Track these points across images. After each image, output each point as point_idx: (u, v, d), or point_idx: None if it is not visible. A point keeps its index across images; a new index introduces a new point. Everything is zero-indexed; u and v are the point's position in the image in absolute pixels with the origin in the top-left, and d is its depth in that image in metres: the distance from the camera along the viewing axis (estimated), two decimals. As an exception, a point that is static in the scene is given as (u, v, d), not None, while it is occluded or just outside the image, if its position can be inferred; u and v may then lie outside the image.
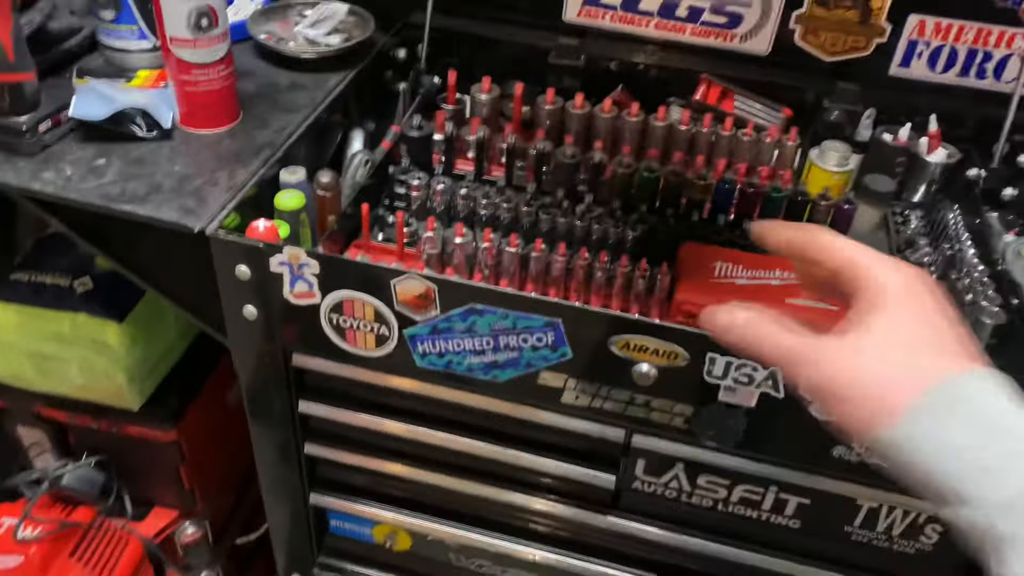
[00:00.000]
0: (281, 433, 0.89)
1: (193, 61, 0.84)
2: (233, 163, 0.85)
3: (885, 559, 0.81)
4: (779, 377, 0.69)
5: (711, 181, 0.93)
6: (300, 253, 0.73)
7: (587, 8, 1.07)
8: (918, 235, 0.97)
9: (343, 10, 1.08)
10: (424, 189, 0.92)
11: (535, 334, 0.72)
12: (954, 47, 0.99)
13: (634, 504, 0.85)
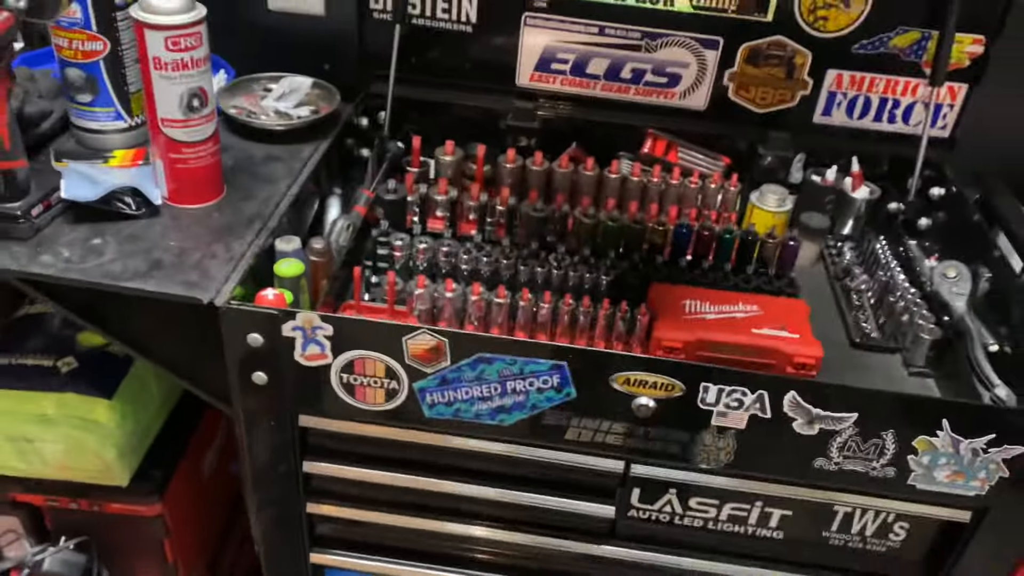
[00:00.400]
0: (285, 494, 0.91)
1: (184, 140, 0.87)
2: (227, 236, 0.88)
3: (859, 559, 0.89)
4: (766, 399, 0.76)
5: (669, 227, 1.02)
6: (314, 317, 0.77)
7: (538, 73, 1.15)
8: (853, 265, 1.08)
9: (307, 83, 1.13)
10: (407, 249, 0.98)
11: (541, 377, 0.78)
12: (868, 96, 1.12)
13: (631, 531, 0.91)
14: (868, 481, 0.80)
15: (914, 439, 0.77)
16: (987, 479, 0.78)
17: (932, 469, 0.78)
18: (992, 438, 0.75)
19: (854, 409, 0.76)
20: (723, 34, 1.09)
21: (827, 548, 0.89)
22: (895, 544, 0.88)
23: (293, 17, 1.18)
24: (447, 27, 1.13)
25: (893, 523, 0.86)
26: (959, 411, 0.75)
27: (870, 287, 1.04)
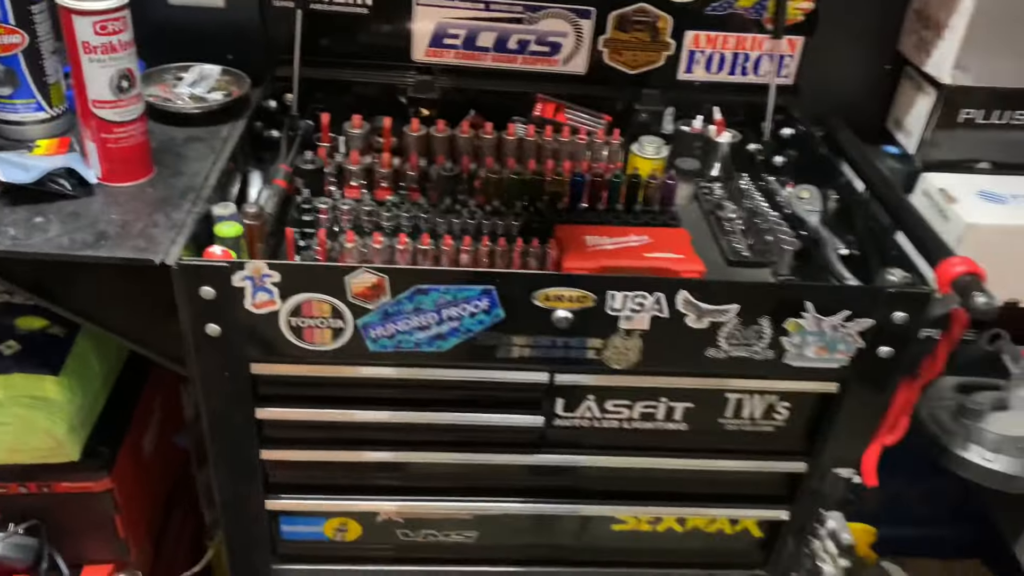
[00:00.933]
0: (241, 444, 0.98)
1: (116, 120, 0.93)
2: (164, 207, 0.95)
3: (752, 440, 1.04)
4: (663, 300, 0.90)
5: (566, 177, 1.15)
6: (262, 265, 0.85)
7: (433, 49, 1.26)
8: (722, 199, 1.24)
9: (217, 70, 1.19)
10: (331, 211, 1.06)
11: (472, 302, 0.89)
12: (722, 53, 1.28)
13: (558, 439, 1.03)
14: (753, 364, 0.95)
15: (784, 322, 0.92)
16: (847, 351, 0.95)
17: (802, 347, 0.94)
18: (847, 315, 0.91)
19: (735, 301, 0.90)
20: (595, 4, 1.23)
21: (724, 434, 1.04)
22: (780, 423, 1.03)
23: (195, 10, 1.24)
24: (345, 10, 1.22)
25: (776, 403, 1.01)
26: (818, 294, 0.91)
27: (739, 215, 1.20)
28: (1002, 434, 1.09)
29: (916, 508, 1.80)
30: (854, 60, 1.35)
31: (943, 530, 1.80)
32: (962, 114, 1.25)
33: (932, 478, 1.60)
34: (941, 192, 1.23)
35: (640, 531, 1.13)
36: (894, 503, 1.75)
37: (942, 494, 1.77)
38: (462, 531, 1.12)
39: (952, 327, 0.99)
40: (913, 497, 1.80)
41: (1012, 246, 1.19)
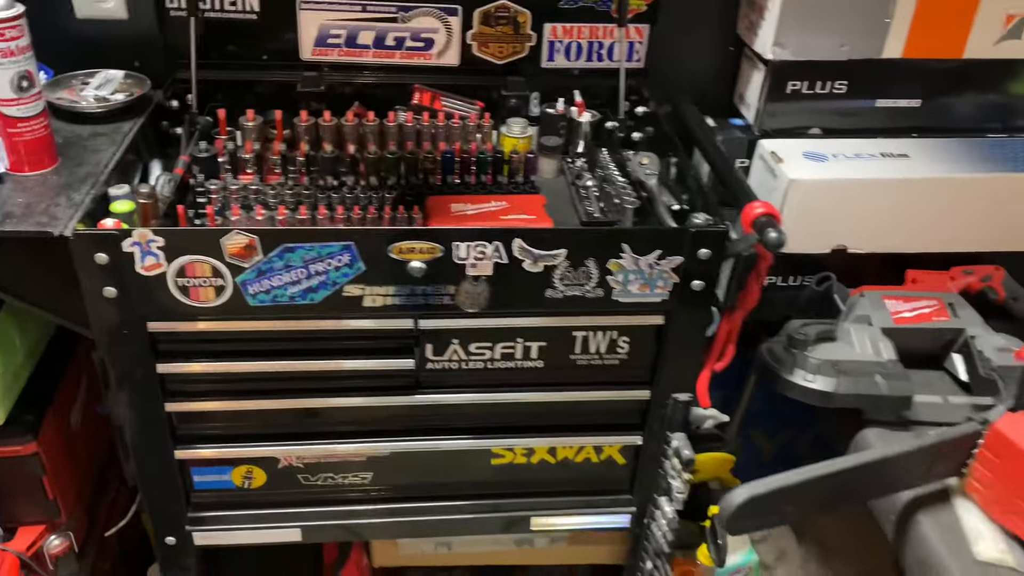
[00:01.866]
0: (145, 398, 1.11)
1: (18, 116, 1.07)
2: (67, 191, 1.08)
3: (600, 373, 1.19)
4: (501, 248, 1.04)
5: (437, 156, 1.29)
6: (147, 232, 0.98)
7: (318, 48, 1.40)
8: (582, 171, 1.39)
9: (120, 75, 1.33)
10: (222, 191, 1.20)
11: (336, 256, 1.03)
12: (579, 42, 1.44)
13: (431, 381, 1.17)
14: (587, 302, 1.10)
15: (607, 262, 1.07)
16: (665, 286, 1.10)
17: (626, 284, 1.09)
18: (659, 253, 1.07)
19: (563, 246, 1.05)
20: (460, 2, 1.38)
21: (577, 368, 1.19)
22: (623, 356, 1.18)
23: (100, 23, 1.38)
24: (236, 16, 1.36)
25: (617, 338, 1.17)
26: (632, 236, 1.06)
27: (594, 184, 1.35)
28: (822, 358, 1.25)
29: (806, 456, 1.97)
30: (700, 44, 1.51)
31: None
32: (789, 86, 1.42)
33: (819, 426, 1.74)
34: (772, 155, 1.39)
35: (517, 464, 1.27)
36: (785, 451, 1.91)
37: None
38: (357, 473, 1.25)
39: (759, 263, 1.15)
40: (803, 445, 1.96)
41: (832, 198, 1.37)
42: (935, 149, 1.43)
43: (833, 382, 1.23)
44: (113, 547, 1.51)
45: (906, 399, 1.23)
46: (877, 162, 1.39)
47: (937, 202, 1.38)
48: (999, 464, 1.08)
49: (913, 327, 1.33)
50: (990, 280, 1.43)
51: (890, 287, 1.39)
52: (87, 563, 1.39)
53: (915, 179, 1.37)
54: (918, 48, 1.38)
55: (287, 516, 1.27)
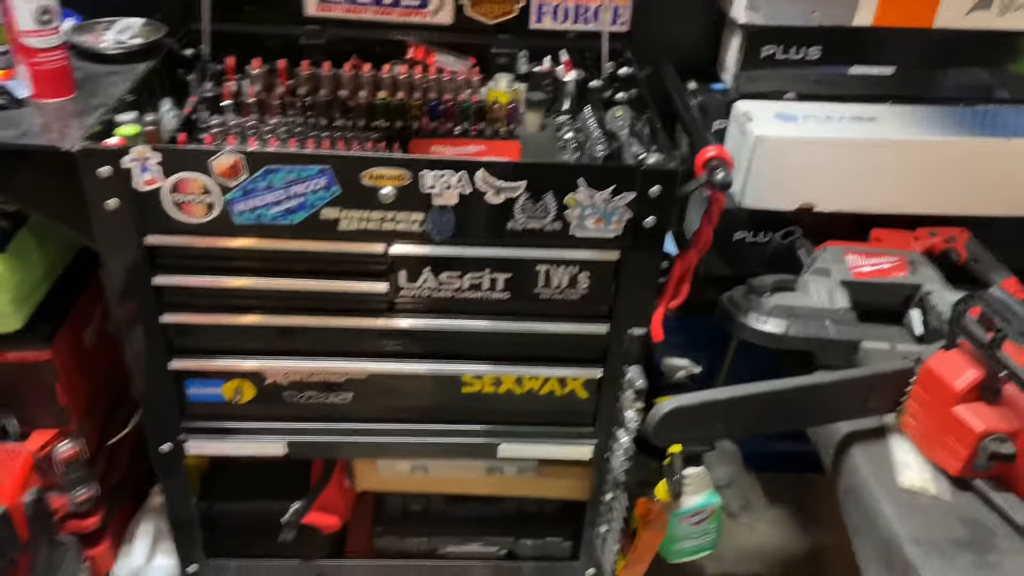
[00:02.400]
0: (142, 308, 1.23)
1: (39, 47, 1.19)
2: (80, 116, 1.20)
3: (562, 307, 1.28)
4: (466, 178, 1.14)
5: (424, 103, 1.39)
6: (146, 149, 1.10)
7: (322, 5, 1.51)
8: (563, 125, 1.48)
9: (139, 22, 1.45)
10: (221, 126, 1.31)
11: (313, 180, 1.13)
12: (566, 5, 1.53)
13: (405, 307, 1.27)
14: (545, 235, 1.19)
15: (564, 197, 1.16)
16: (619, 221, 1.18)
17: (583, 219, 1.18)
18: (613, 188, 1.15)
19: (523, 178, 1.14)
20: (453, -37, 1.48)
21: (541, 302, 1.27)
22: (583, 291, 1.26)
23: (125, -26, 1.50)
24: (246, -28, 1.48)
25: (577, 274, 1.25)
26: (588, 172, 1.15)
27: (574, 136, 1.44)
28: (776, 304, 1.31)
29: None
30: (683, 11, 1.59)
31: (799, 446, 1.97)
32: (763, 51, 1.49)
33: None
34: (744, 115, 1.46)
35: (486, 393, 1.36)
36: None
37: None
38: (339, 393, 1.36)
39: (711, 206, 1.23)
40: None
41: (799, 156, 1.43)
42: (905, 115, 1.49)
43: (784, 324, 1.29)
44: (123, 462, 1.64)
45: (854, 343, 1.29)
46: (847, 124, 1.46)
47: (904, 164, 1.44)
48: (929, 400, 1.14)
49: (871, 281, 1.38)
50: (954, 242, 1.48)
51: (853, 243, 1.45)
52: (96, 472, 1.52)
53: (882, 140, 1.43)
54: (889, 16, 1.44)
55: (273, 431, 1.38)
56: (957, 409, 1.10)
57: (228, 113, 1.37)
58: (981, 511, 1.10)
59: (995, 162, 1.44)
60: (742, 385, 1.11)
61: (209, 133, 1.30)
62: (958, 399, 1.10)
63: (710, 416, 1.09)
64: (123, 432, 1.49)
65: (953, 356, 1.13)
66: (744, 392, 1.10)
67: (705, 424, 1.10)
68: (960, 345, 1.14)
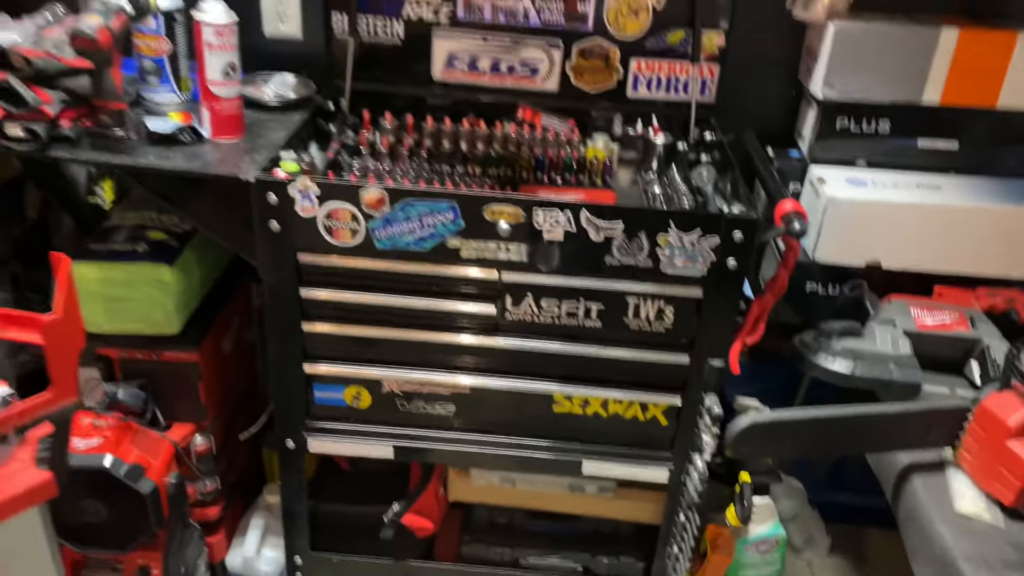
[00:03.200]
0: (288, 316, 1.44)
1: (222, 95, 1.43)
2: (250, 153, 1.43)
3: (649, 337, 1.44)
4: (571, 218, 1.32)
5: (531, 156, 1.60)
6: (308, 180, 1.32)
7: (447, 70, 1.74)
8: (653, 181, 1.66)
9: (292, 79, 1.71)
10: (362, 168, 1.54)
11: (444, 213, 1.33)
12: (659, 76, 1.73)
13: (509, 328, 1.45)
14: (638, 271, 1.36)
15: (656, 237, 1.33)
16: (704, 262, 1.35)
17: (672, 257, 1.35)
18: (700, 233, 1.32)
19: (620, 219, 1.32)
20: (562, 38, 1.70)
21: (630, 331, 1.44)
22: (668, 324, 1.43)
23: (281, 40, 1.77)
24: (386, 42, 1.72)
25: (664, 307, 1.41)
26: (678, 217, 1.32)
27: (661, 191, 1.62)
28: (844, 346, 1.45)
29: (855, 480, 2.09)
30: (765, 85, 1.78)
31: (865, 499, 1.97)
32: (839, 123, 1.66)
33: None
34: (818, 179, 1.63)
35: (574, 414, 1.52)
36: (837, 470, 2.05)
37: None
38: (444, 404, 1.53)
39: (787, 253, 1.38)
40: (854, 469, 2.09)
41: (867, 217, 1.58)
42: (967, 185, 1.63)
43: (851, 364, 1.43)
44: (240, 463, 1.84)
45: (915, 386, 1.42)
46: (912, 190, 1.60)
47: (965, 229, 1.57)
48: (984, 435, 1.25)
49: (934, 333, 1.51)
50: (1014, 303, 1.60)
51: (917, 297, 1.58)
52: (220, 468, 1.71)
53: (945, 206, 1.57)
54: (955, 95, 1.60)
55: (383, 435, 1.56)
56: (1011, 443, 1.22)
57: (366, 157, 1.60)
58: (1032, 539, 1.20)
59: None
60: (812, 408, 1.25)
61: (351, 173, 1.52)
62: (1012, 435, 1.22)
63: (781, 433, 1.23)
64: (252, 429, 1.69)
65: (1007, 396, 1.25)
66: (813, 414, 1.24)
67: (777, 441, 1.24)
68: (1014, 387, 1.26)
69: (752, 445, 1.23)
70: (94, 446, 1.45)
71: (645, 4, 1.67)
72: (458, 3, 1.68)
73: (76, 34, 1.27)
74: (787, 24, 1.67)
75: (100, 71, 1.33)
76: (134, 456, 1.49)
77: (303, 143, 1.58)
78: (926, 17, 1.61)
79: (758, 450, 1.29)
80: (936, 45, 1.56)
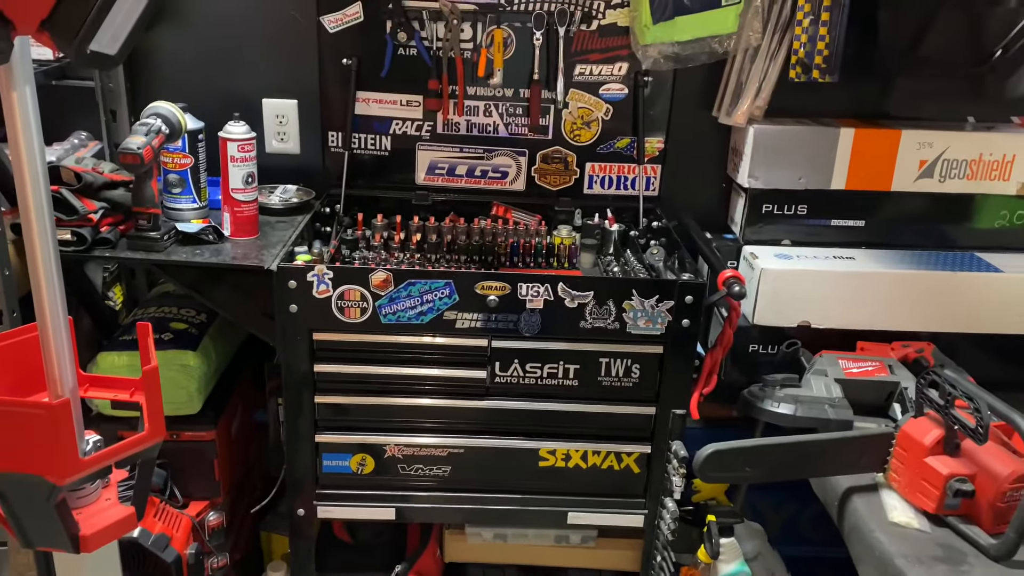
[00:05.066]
0: (303, 389, 1.62)
1: (243, 200, 1.66)
2: (267, 248, 1.66)
3: (619, 392, 1.66)
4: (550, 289, 1.56)
5: (507, 245, 1.85)
6: (323, 267, 1.54)
7: (428, 176, 2.01)
8: (611, 263, 1.93)
9: (294, 188, 1.95)
10: (362, 260, 1.77)
11: (440, 291, 1.56)
12: (610, 176, 2.02)
13: (497, 391, 1.65)
14: (607, 332, 1.59)
15: (623, 303, 1.57)
16: (663, 323, 1.59)
17: (636, 320, 1.59)
18: (657, 297, 1.57)
19: (591, 289, 1.57)
20: (527, 148, 1.99)
21: (603, 388, 1.66)
22: (635, 379, 1.65)
23: (282, 155, 2.02)
24: (375, 153, 1.99)
25: (631, 365, 1.64)
26: (639, 285, 1.57)
27: (620, 270, 1.88)
28: (786, 393, 1.69)
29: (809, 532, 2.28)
30: (700, 179, 2.08)
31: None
32: (764, 208, 1.96)
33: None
34: (751, 255, 1.91)
35: (558, 467, 1.71)
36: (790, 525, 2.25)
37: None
38: (441, 466, 1.71)
39: (731, 313, 1.64)
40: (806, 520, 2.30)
41: (795, 283, 1.86)
42: (875, 256, 1.93)
43: (793, 407, 1.67)
44: (244, 544, 1.96)
45: (848, 422, 1.66)
46: (830, 261, 1.90)
47: (877, 291, 1.86)
48: (907, 456, 1.49)
49: (859, 379, 1.77)
50: (923, 352, 1.87)
51: (843, 352, 1.84)
52: (229, 543, 1.84)
53: (859, 271, 1.86)
54: (856, 182, 1.92)
55: (386, 498, 1.72)
56: (929, 460, 1.45)
57: (362, 250, 1.83)
58: (954, 539, 1.42)
59: (947, 291, 1.86)
60: (766, 439, 1.47)
61: (354, 263, 1.75)
62: (927, 452, 1.46)
63: (740, 460, 1.45)
64: (264, 501, 1.83)
65: (921, 421, 1.50)
66: (766, 442, 1.46)
67: (736, 466, 1.45)
68: (927, 413, 1.51)
69: (715, 469, 1.44)
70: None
71: (596, 117, 1.98)
72: (438, 121, 1.96)
73: (124, 152, 1.50)
74: (715, 128, 1.99)
75: (141, 182, 1.55)
76: (159, 528, 1.62)
77: (307, 241, 1.81)
78: (827, 120, 1.95)
79: (721, 475, 1.50)
80: (837, 141, 1.89)
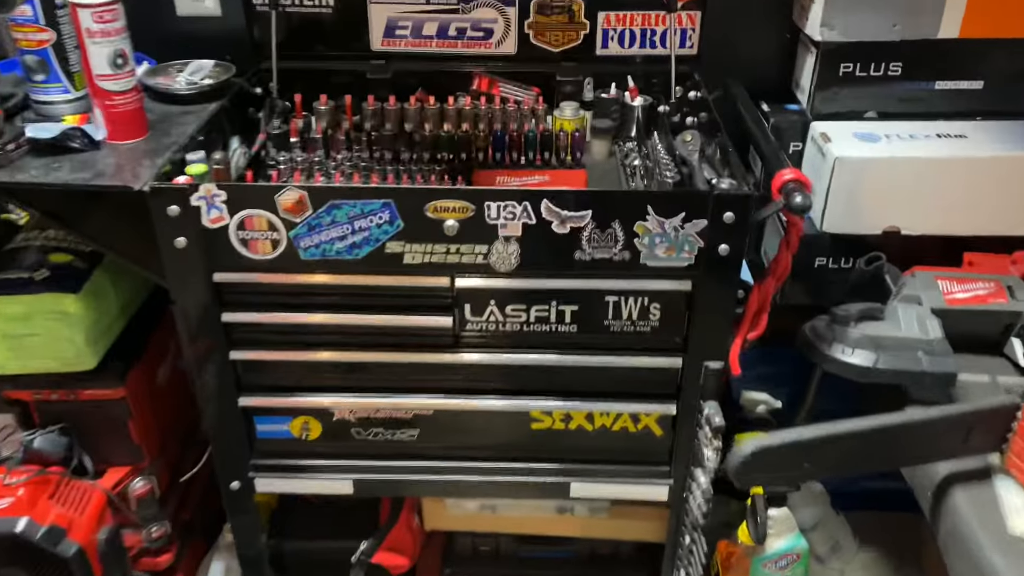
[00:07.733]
0: (212, 344, 1.23)
1: (114, 90, 1.21)
2: (152, 156, 1.22)
3: (633, 339, 1.23)
4: (529, 208, 1.11)
5: (489, 134, 1.38)
6: (212, 187, 1.10)
7: (387, 39, 1.52)
8: (631, 151, 1.44)
9: (210, 64, 1.48)
10: (288, 162, 1.32)
11: (377, 214, 1.12)
12: (631, 29, 1.49)
13: (470, 341, 1.24)
14: (615, 265, 1.14)
15: (633, 225, 1.11)
16: (691, 250, 1.13)
17: (652, 248, 1.13)
18: (683, 216, 1.10)
19: (588, 207, 1.10)
20: (517, -7, 1.47)
21: (611, 335, 1.22)
22: (655, 322, 1.21)
23: (198, 19, 1.54)
24: (313, 10, 1.49)
25: (648, 304, 1.20)
26: (657, 198, 1.10)
27: (641, 163, 1.40)
28: (863, 334, 1.24)
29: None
30: (754, 31, 1.54)
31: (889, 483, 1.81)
32: (841, 68, 1.42)
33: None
34: (821, 135, 1.40)
35: (556, 430, 1.32)
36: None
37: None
38: (405, 430, 1.33)
39: (789, 231, 1.16)
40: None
41: (882, 177, 1.36)
42: (996, 130, 1.40)
43: (872, 356, 1.22)
44: (195, 500, 1.65)
45: (950, 376, 1.20)
46: (933, 142, 1.38)
47: (996, 183, 1.35)
48: (1039, 438, 1.05)
49: (966, 308, 1.29)
50: (1057, 265, 1.37)
51: (944, 268, 1.36)
52: (168, 510, 1.53)
53: (972, 158, 1.34)
54: (976, 27, 1.36)
55: (340, 468, 1.36)
56: (1071, 445, 1.01)
57: (295, 150, 1.38)
58: (1103, 561, 1.00)
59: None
60: (830, 423, 1.04)
61: (276, 169, 1.30)
62: (1071, 434, 1.01)
63: (797, 456, 1.02)
64: (193, 470, 1.49)
65: (1063, 387, 1.04)
66: (833, 431, 1.03)
67: (791, 465, 1.03)
68: (1071, 377, 1.04)
69: (761, 472, 1.03)
70: (5, 508, 1.26)
71: (609, -54, 1.43)
72: (392, -40, 1.45)
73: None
74: (776, -43, 1.44)
75: (-45, 73, 1.11)
76: (54, 515, 1.30)
77: (222, 138, 1.37)
78: (939, -63, 1.37)
79: (768, 477, 1.08)
80: (952, -31, 1.33)
